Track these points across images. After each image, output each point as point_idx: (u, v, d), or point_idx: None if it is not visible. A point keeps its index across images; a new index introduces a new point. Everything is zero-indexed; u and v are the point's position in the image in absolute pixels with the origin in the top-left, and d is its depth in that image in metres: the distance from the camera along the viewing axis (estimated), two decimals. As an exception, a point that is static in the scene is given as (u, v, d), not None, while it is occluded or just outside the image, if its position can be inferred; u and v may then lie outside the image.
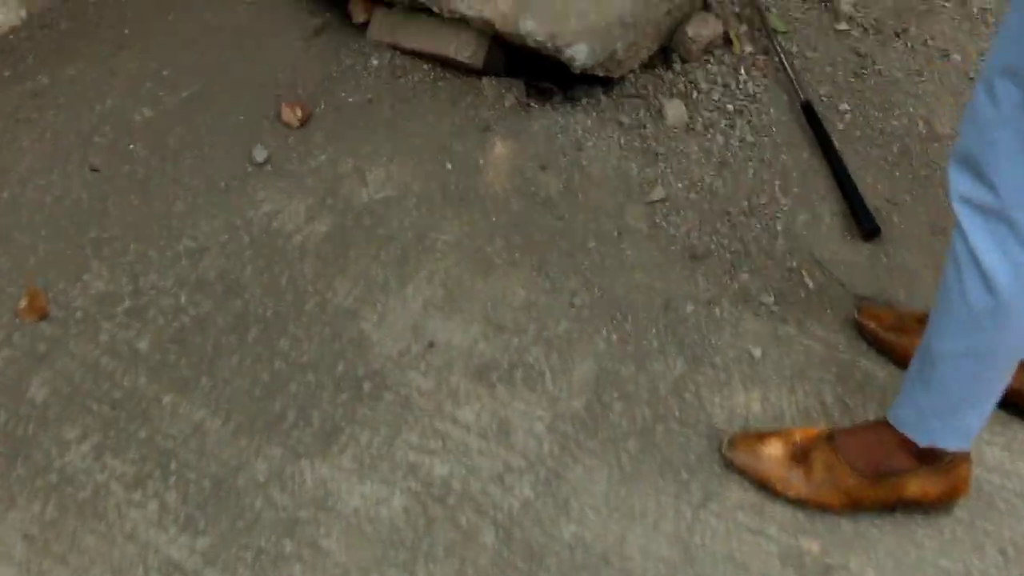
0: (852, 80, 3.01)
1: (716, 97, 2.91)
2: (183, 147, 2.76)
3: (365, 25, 3.00)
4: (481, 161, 2.72)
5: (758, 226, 2.63)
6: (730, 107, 2.89)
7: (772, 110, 2.90)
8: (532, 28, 2.70)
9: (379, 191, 2.66)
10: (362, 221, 2.61)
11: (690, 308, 2.47)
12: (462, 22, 2.82)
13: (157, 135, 2.79)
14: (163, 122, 2.82)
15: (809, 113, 2.85)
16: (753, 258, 2.57)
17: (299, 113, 2.77)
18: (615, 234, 2.60)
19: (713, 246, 2.59)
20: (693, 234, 2.61)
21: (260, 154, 2.71)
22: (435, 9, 2.81)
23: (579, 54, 2.68)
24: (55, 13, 3.09)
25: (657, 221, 2.63)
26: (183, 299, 2.44)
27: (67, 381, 2.27)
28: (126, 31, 3.06)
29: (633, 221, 2.63)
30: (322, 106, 2.84)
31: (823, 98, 2.93)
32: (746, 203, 2.69)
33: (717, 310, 2.47)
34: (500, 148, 2.76)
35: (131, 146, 2.75)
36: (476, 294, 2.48)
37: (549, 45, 2.70)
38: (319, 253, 2.54)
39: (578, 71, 2.74)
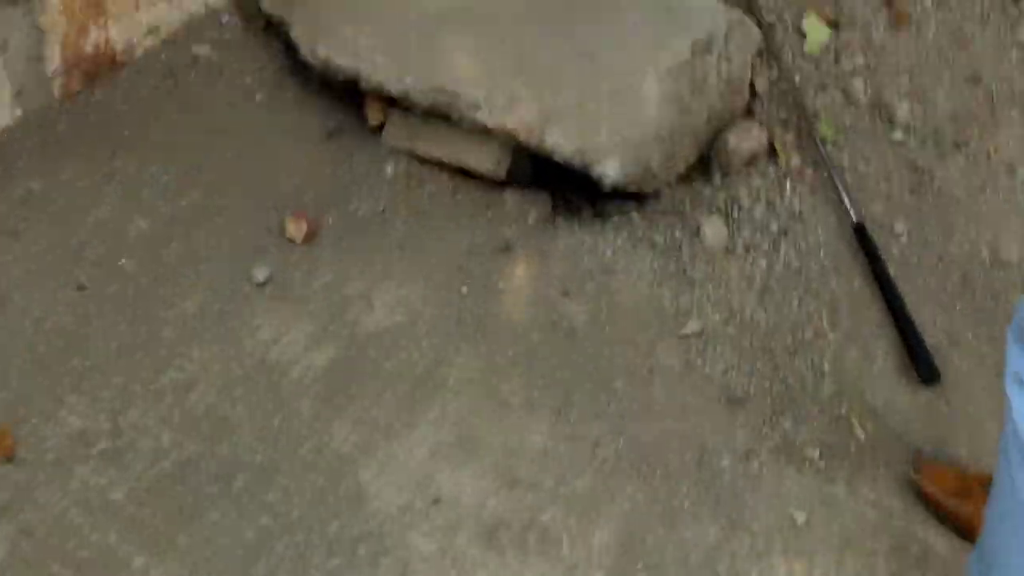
0: (908, 198, 2.79)
1: (758, 215, 2.70)
2: (178, 264, 2.55)
3: (381, 128, 2.81)
4: (500, 285, 2.51)
5: (803, 365, 2.40)
6: (774, 227, 2.68)
7: (820, 231, 2.68)
8: (558, 141, 2.50)
9: (388, 317, 2.45)
10: (367, 352, 2.39)
11: (726, 462, 2.24)
12: (483, 131, 2.64)
13: (151, 249, 2.58)
14: (159, 235, 2.62)
15: (861, 235, 2.62)
16: (797, 403, 2.34)
17: (304, 227, 2.56)
18: (645, 372, 2.37)
19: (753, 388, 2.36)
20: (731, 374, 2.38)
21: (261, 273, 2.50)
22: (454, 117, 2.62)
23: (610, 170, 2.48)
24: (51, 112, 2.88)
25: (691, 358, 2.40)
26: (165, 440, 2.21)
27: (29, 537, 2.05)
28: (126, 132, 2.85)
29: (665, 358, 2.40)
30: (331, 219, 2.64)
31: (876, 218, 2.72)
32: (790, 338, 2.46)
33: (756, 464, 2.24)
34: (522, 270, 2.56)
35: (122, 261, 2.54)
36: (490, 440, 2.25)
37: (577, 161, 2.49)
38: (318, 389, 2.32)
39: (608, 189, 2.56)
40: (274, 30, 3.12)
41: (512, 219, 2.65)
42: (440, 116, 2.68)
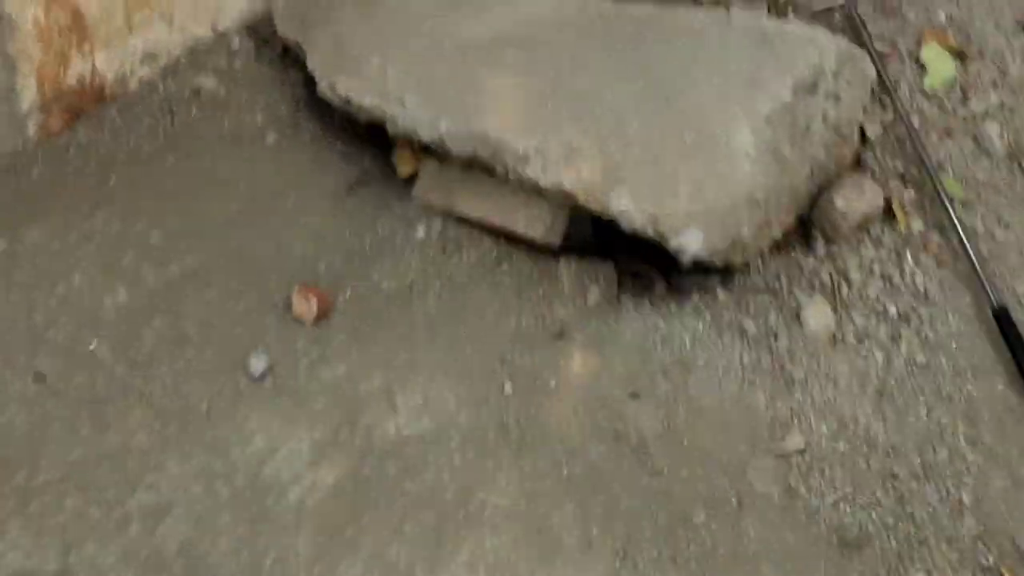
0: (1062, 272, 2.33)
1: (873, 294, 2.21)
2: (160, 348, 2.10)
3: (412, 180, 2.36)
4: (553, 383, 2.02)
5: (935, 495, 1.89)
6: (892, 310, 2.17)
7: (951, 316, 2.15)
8: (627, 207, 2.01)
9: (412, 422, 1.98)
10: (385, 468, 1.93)
11: None
12: (534, 189, 2.21)
13: (129, 329, 2.13)
14: (140, 311, 2.17)
15: (1004, 322, 2.10)
16: (930, 547, 1.83)
17: (315, 305, 2.11)
18: (733, 502, 1.88)
19: (871, 526, 1.86)
20: (843, 506, 1.87)
21: (258, 363, 2.05)
22: (498, 171, 2.16)
23: (691, 243, 1.98)
24: (25, 157, 2.45)
25: (792, 484, 1.90)
26: None
27: None
28: (112, 181, 2.42)
29: (759, 482, 1.91)
30: (348, 293, 2.18)
31: (1023, 300, 2.27)
32: (917, 459, 1.95)
33: None
34: (579, 364, 2.07)
35: (93, 345, 2.10)
36: (534, 592, 1.85)
37: (650, 231, 2.00)
38: (322, 518, 1.86)
39: (688, 264, 2.08)
40: (291, 58, 2.71)
41: (568, 297, 2.17)
42: (482, 168, 2.25)
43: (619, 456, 1.95)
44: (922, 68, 2.63)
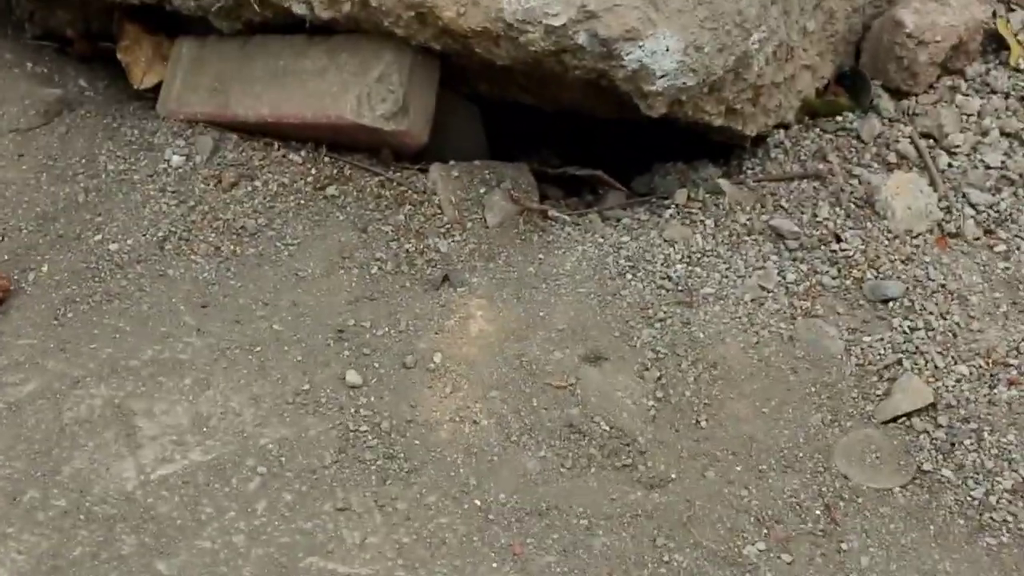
0: None
1: (995, 158, 1.69)
2: None
3: (155, 92, 1.79)
4: (438, 357, 1.43)
5: None
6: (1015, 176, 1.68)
7: None
8: (542, 7, 1.40)
9: (170, 457, 1.29)
10: (116, 545, 1.19)
11: None
12: (365, 40, 1.59)
13: None
14: None
15: None
16: None
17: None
18: (817, 512, 1.27)
19: None
20: None
21: None
22: (299, 7, 1.55)
23: (661, 57, 1.47)
24: None
25: (926, 466, 1.29)
26: None
27: None
28: None
29: (857, 472, 1.27)
30: (43, 269, 1.55)
31: None
32: None
33: None
34: (484, 320, 1.49)
35: None
36: None
37: (583, 39, 1.38)
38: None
39: (660, 110, 1.49)
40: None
41: (450, 220, 1.54)
42: (269, 27, 1.62)
43: (580, 462, 1.29)
44: None
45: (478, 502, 1.26)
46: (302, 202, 1.59)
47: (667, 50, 1.33)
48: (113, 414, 1.37)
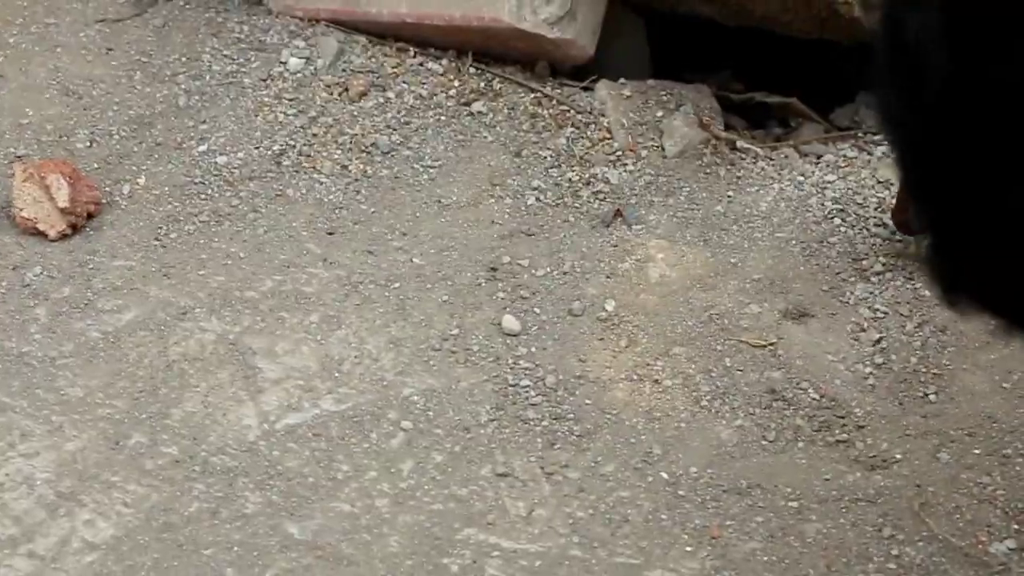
0: None
1: None
2: None
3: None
4: (610, 305, 1.35)
5: None
6: None
7: None
8: None
9: (296, 405, 1.24)
10: (238, 502, 1.12)
11: None
12: None
13: None
14: None
15: None
16: None
17: (64, 194, 1.36)
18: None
19: None
20: None
21: None
22: None
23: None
24: None
25: None
26: None
27: None
28: None
29: None
30: (140, 180, 1.48)
31: None
32: None
33: None
34: (664, 265, 1.42)
35: None
36: None
37: None
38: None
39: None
40: None
41: (621, 147, 1.46)
42: None
43: (785, 433, 1.19)
44: None
45: (665, 475, 1.16)
46: (443, 118, 1.50)
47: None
48: (228, 352, 1.28)
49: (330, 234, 1.37)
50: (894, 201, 1.29)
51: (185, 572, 1.10)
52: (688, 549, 1.10)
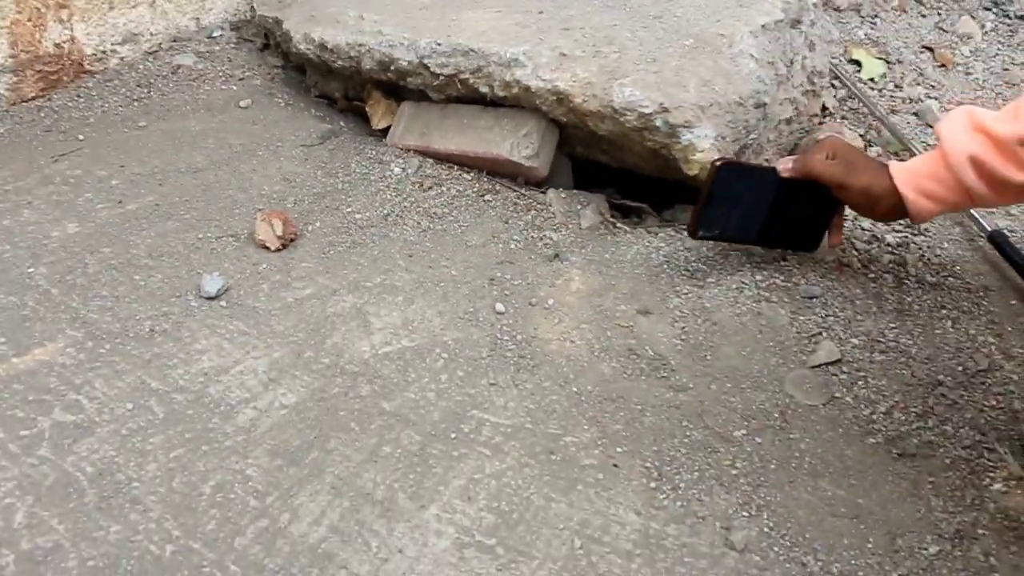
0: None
1: (866, 225, 1.55)
2: (104, 273, 1.25)
3: (387, 131, 1.56)
4: (551, 301, 1.21)
5: (989, 403, 1.18)
6: (890, 239, 1.53)
7: (947, 244, 1.51)
8: (634, 97, 1.23)
9: (390, 342, 1.14)
10: (358, 388, 1.08)
11: (934, 549, 1.05)
12: (519, 112, 1.40)
13: (73, 258, 1.28)
14: (88, 240, 1.32)
15: (1002, 243, 1.35)
16: (999, 454, 1.12)
17: (280, 228, 1.28)
18: (776, 415, 1.07)
19: (931, 435, 1.12)
20: (897, 415, 1.15)
21: (212, 284, 1.20)
22: (483, 89, 1.36)
23: (701, 139, 1.21)
24: (-8, 112, 1.72)
25: (837, 394, 1.12)
26: (19, 518, 1.00)
27: None
28: (80, 137, 1.58)
29: (798, 393, 1.10)
30: (317, 223, 1.35)
31: (1009, 231, 1.58)
32: (959, 367, 1.27)
33: (980, 552, 1.06)
34: (579, 283, 1.27)
35: (31, 270, 1.25)
36: (551, 522, 0.95)
37: (659, 123, 1.22)
38: (279, 442, 1.01)
39: (695, 171, 1.28)
40: (270, 49, 1.90)
41: (559, 222, 1.35)
42: (462, 100, 1.44)
43: (635, 371, 1.12)
44: (857, 65, 2.01)
45: (575, 389, 1.07)
46: (469, 202, 1.37)
47: (705, 136, 1.19)
48: (356, 313, 1.18)
49: (410, 256, 1.27)
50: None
51: (331, 423, 1.03)
52: (585, 427, 1.03)
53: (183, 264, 1.30)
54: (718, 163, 1.20)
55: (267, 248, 1.31)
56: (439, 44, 1.39)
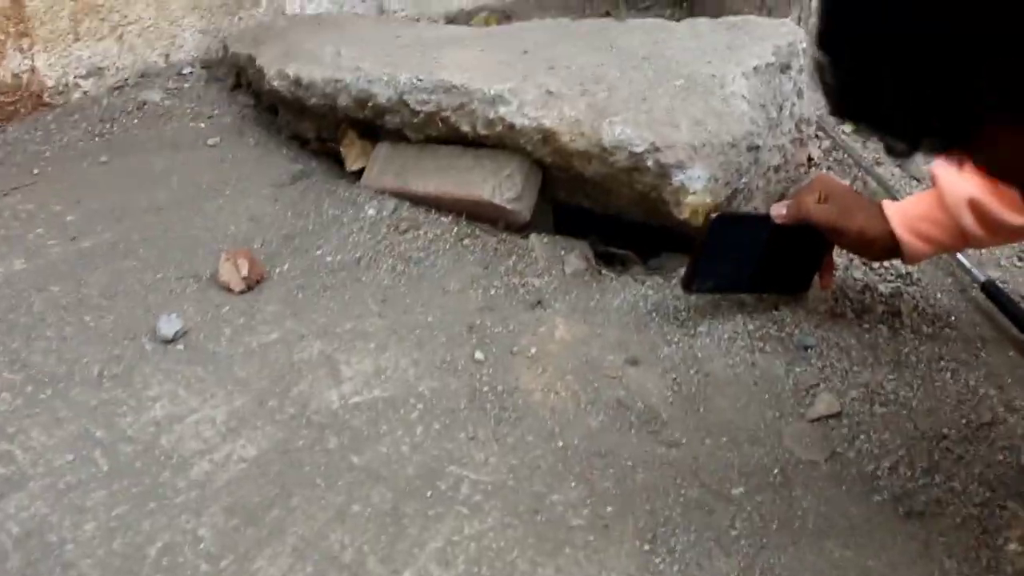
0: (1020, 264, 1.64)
1: (859, 275, 1.52)
2: (50, 311, 1.16)
3: (360, 174, 1.50)
4: (533, 350, 1.14)
5: (996, 458, 1.11)
6: (882, 288, 1.50)
7: (939, 294, 1.50)
8: (625, 135, 1.17)
9: (360, 391, 1.06)
10: (325, 442, 1.00)
11: None
12: (501, 152, 1.36)
13: (17, 294, 1.20)
14: (35, 277, 1.23)
15: (993, 293, 1.30)
16: (1011, 510, 1.02)
17: (245, 269, 1.20)
18: (775, 472, 1.00)
19: (939, 492, 1.05)
20: (902, 471, 1.05)
21: (169, 326, 1.12)
22: (465, 128, 1.30)
23: (694, 181, 1.17)
24: (-60, 146, 1.62)
25: (838, 449, 1.05)
26: None
27: None
28: (35, 171, 1.50)
29: (798, 448, 1.03)
30: (285, 266, 1.28)
31: (1001, 283, 1.56)
32: (962, 420, 1.19)
33: None
34: (563, 331, 1.18)
35: (-32, 309, 1.30)
36: (537, 589, 0.96)
37: (650, 163, 1.16)
38: (236, 498, 0.92)
39: (686, 215, 1.24)
40: (241, 87, 1.88)
41: (543, 269, 1.29)
42: (441, 140, 1.37)
43: (625, 425, 1.04)
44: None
45: (560, 443, 0.99)
46: (448, 247, 1.31)
47: (698, 177, 1.15)
48: (325, 360, 1.10)
49: (383, 301, 1.20)
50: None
51: (294, 478, 0.95)
52: (573, 484, 0.95)
53: (139, 305, 1.21)
54: (713, 216, 1.17)
55: (231, 290, 1.23)
56: (420, 80, 1.34)
